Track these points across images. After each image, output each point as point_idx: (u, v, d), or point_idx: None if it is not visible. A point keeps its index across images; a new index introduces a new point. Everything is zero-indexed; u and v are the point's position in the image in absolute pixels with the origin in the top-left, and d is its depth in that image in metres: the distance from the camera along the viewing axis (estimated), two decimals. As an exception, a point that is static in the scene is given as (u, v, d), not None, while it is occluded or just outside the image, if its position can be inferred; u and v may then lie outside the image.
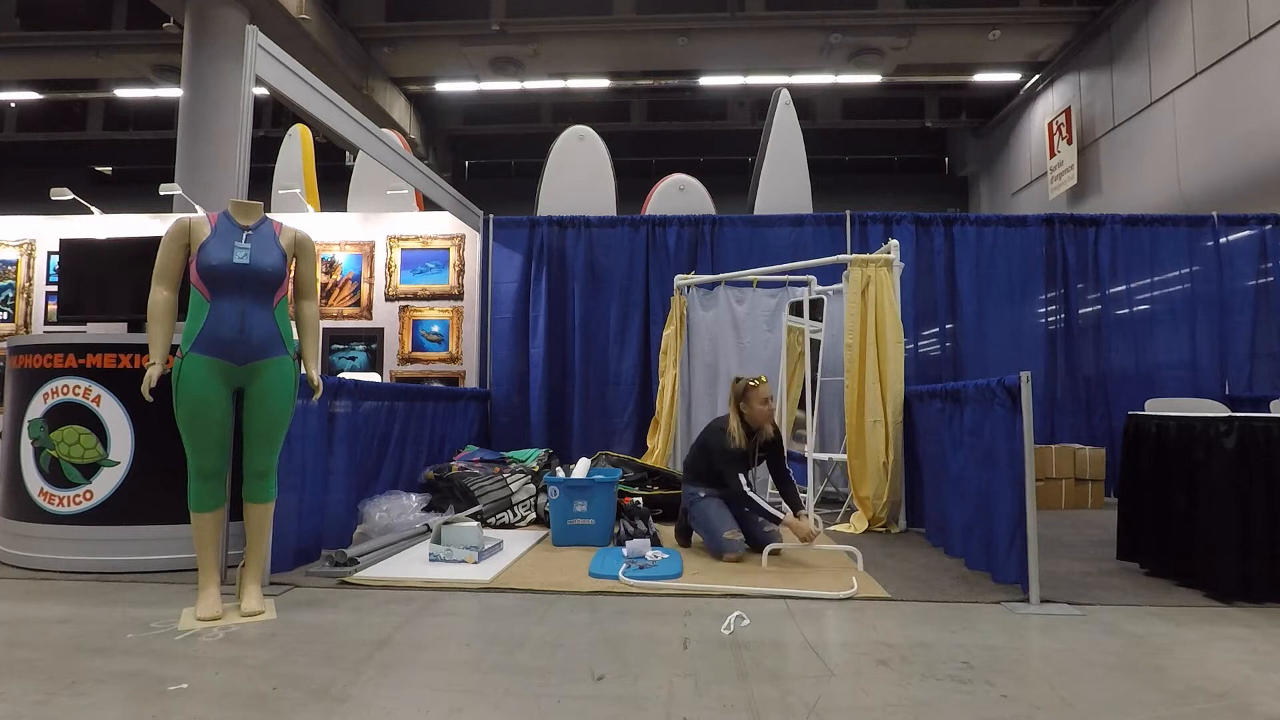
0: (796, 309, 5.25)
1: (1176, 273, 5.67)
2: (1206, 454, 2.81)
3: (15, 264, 6.47)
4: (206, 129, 8.28)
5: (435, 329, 6.20)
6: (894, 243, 4.45)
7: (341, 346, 6.21)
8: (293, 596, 2.74)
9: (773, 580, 3.02)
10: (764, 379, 3.56)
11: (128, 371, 3.11)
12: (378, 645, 2.19)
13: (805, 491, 5.11)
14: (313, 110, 3.58)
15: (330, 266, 6.27)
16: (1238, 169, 7.70)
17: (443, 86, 13.10)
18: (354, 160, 7.72)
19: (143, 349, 3.12)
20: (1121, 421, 3.41)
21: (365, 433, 3.87)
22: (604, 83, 12.99)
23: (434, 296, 6.23)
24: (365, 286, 6.26)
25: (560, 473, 3.97)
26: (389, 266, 6.26)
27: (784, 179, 6.67)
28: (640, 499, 4.36)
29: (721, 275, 5.51)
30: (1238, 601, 2.70)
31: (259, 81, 3.13)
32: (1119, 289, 5.71)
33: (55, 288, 6.27)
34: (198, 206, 6.24)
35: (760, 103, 12.63)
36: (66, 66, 12.27)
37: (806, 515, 3.45)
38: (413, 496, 4.06)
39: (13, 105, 14.77)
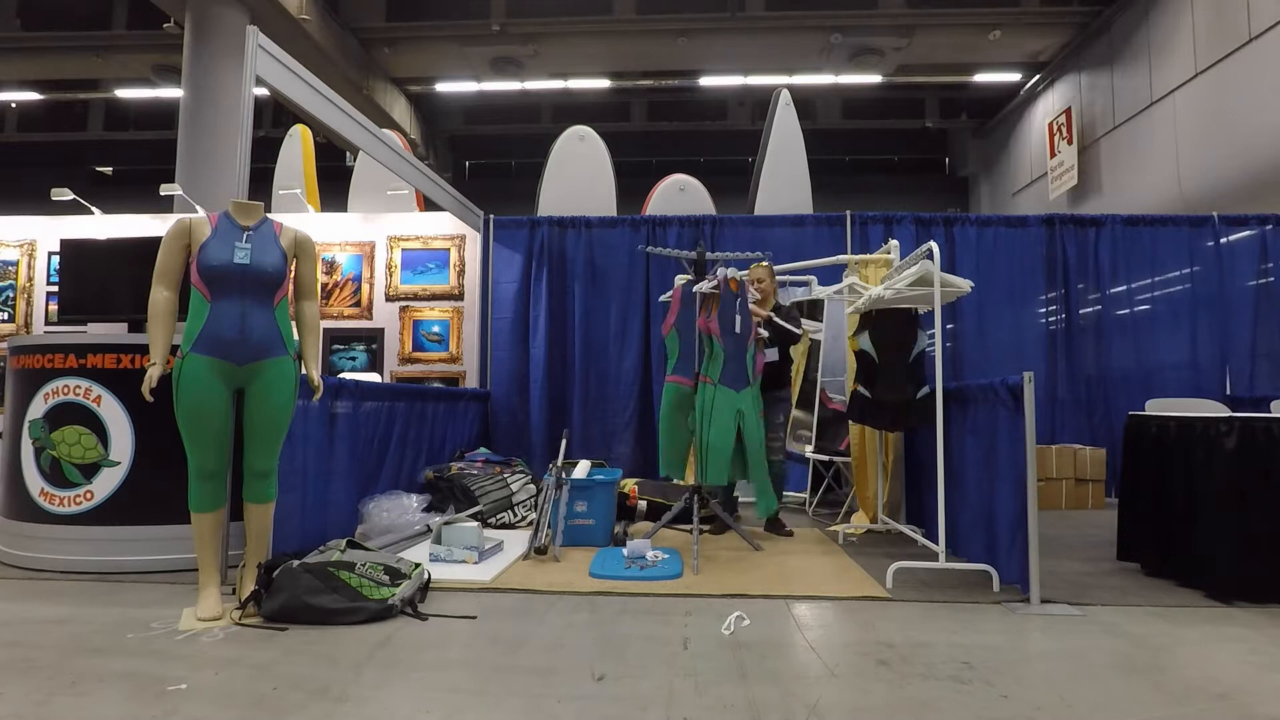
0: (797, 309, 5.25)
1: (1177, 273, 5.67)
2: (1207, 454, 2.81)
3: (16, 264, 6.47)
4: (206, 129, 8.28)
5: (435, 329, 6.20)
6: (894, 243, 4.45)
7: (342, 347, 6.22)
8: (293, 596, 2.73)
9: (772, 581, 3.02)
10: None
11: (128, 372, 3.12)
12: (378, 645, 2.19)
13: (804, 493, 5.14)
14: (313, 110, 3.58)
15: (331, 267, 6.27)
16: (1238, 169, 7.70)
17: (443, 87, 13.11)
18: (354, 160, 7.73)
19: (143, 349, 3.12)
20: (1122, 422, 3.41)
21: (366, 433, 3.87)
22: (604, 83, 12.99)
23: (434, 297, 6.23)
24: (365, 287, 6.26)
25: (560, 473, 3.97)
26: (389, 267, 6.26)
27: (784, 179, 6.67)
28: (644, 502, 4.38)
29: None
30: (1238, 601, 2.70)
31: (259, 82, 3.13)
32: (1120, 289, 5.71)
33: (56, 288, 6.27)
34: (198, 207, 6.24)
35: (760, 103, 12.63)
36: (67, 66, 12.27)
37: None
38: (413, 497, 4.06)
39: (13, 105, 14.77)
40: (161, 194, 6.72)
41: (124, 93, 13.32)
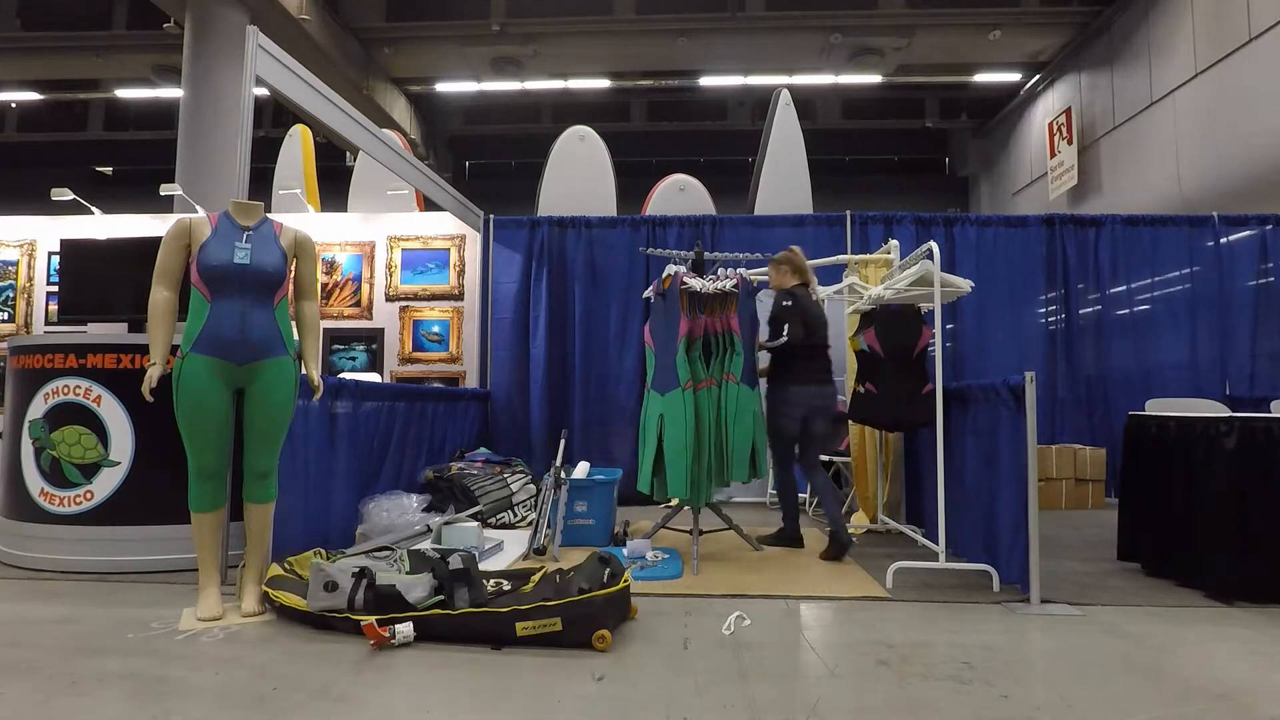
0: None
1: (1177, 273, 5.67)
2: (1206, 454, 2.81)
3: (16, 264, 6.47)
4: (206, 129, 8.27)
5: (435, 329, 6.20)
6: (894, 243, 4.45)
7: (342, 347, 6.21)
8: (293, 596, 2.73)
9: (773, 581, 3.02)
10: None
11: (128, 372, 3.12)
12: (378, 645, 2.19)
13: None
14: (313, 110, 3.58)
15: (330, 267, 6.27)
16: (1238, 169, 7.70)
17: (443, 87, 13.11)
18: (354, 160, 7.72)
19: (143, 349, 3.12)
20: (1122, 422, 3.41)
21: (366, 433, 3.86)
22: (604, 83, 12.99)
23: (434, 297, 6.23)
24: (365, 287, 6.25)
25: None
26: (389, 267, 6.26)
27: (784, 179, 6.66)
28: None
29: (722, 275, 5.49)
30: (1238, 601, 2.70)
31: (259, 82, 3.13)
32: (1119, 289, 5.71)
33: (56, 288, 6.26)
34: (198, 207, 6.24)
35: (760, 103, 12.62)
36: (67, 67, 12.27)
37: None
38: (413, 497, 4.06)
39: (13, 105, 14.77)
40: (161, 194, 6.71)
41: (124, 93, 13.31)
